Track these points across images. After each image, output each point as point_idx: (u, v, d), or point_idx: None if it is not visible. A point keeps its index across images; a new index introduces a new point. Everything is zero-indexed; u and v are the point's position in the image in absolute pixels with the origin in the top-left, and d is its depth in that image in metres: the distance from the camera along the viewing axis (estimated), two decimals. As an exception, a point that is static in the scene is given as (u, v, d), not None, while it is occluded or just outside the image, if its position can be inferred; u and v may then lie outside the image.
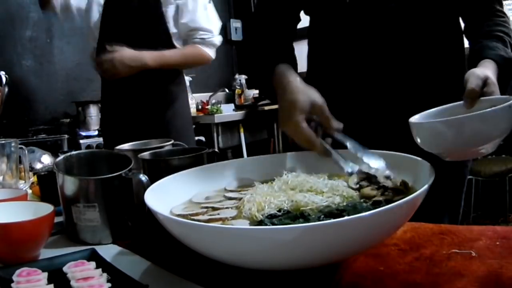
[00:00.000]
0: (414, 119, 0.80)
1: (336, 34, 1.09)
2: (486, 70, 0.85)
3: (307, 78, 1.03)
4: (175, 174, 0.85)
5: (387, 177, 0.76)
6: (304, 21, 1.20)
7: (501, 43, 0.96)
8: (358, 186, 0.78)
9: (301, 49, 1.18)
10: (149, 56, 1.72)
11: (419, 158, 0.77)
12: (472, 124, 0.69)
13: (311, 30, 1.17)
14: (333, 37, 1.10)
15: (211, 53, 1.88)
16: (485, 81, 0.81)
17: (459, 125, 0.70)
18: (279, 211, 0.70)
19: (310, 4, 1.13)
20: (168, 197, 0.80)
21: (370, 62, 1.03)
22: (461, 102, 0.80)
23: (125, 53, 1.69)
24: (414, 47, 1.02)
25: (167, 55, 1.76)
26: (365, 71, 1.05)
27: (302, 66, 1.17)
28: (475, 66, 0.90)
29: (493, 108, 0.70)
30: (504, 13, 1.04)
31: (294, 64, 1.04)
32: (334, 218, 0.64)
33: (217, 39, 1.90)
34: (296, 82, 0.93)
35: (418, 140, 0.76)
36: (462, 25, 1.09)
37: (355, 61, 1.06)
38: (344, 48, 1.07)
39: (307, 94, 0.89)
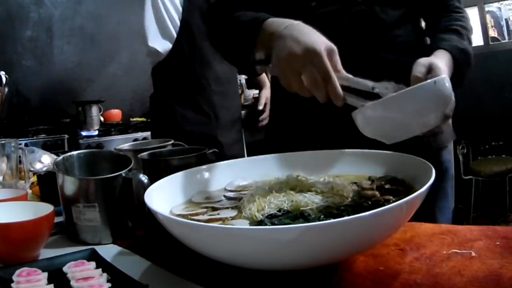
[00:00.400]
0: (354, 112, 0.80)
1: None
2: (433, 58, 0.88)
3: (273, 82, 1.00)
4: (175, 174, 0.85)
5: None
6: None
7: (456, 35, 0.99)
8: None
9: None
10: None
11: (419, 158, 0.77)
12: (399, 102, 0.72)
13: None
14: None
15: None
16: (429, 68, 0.84)
17: (383, 106, 0.73)
18: (279, 211, 0.70)
19: (272, 7, 1.05)
20: (168, 197, 0.80)
21: (342, 63, 1.02)
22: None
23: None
24: (383, 48, 1.01)
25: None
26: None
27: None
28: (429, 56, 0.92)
29: (415, 86, 0.74)
30: (462, 9, 1.08)
31: None
32: (334, 218, 0.64)
33: None
34: (303, 24, 0.82)
35: (360, 128, 0.78)
36: (423, 24, 1.12)
37: None
38: None
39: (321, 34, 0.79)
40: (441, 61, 0.89)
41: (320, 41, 0.76)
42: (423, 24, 1.12)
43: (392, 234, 0.69)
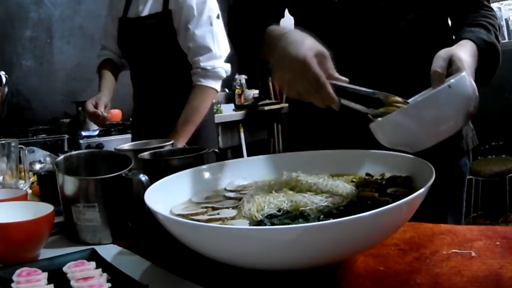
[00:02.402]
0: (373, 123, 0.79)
1: (323, 34, 1.06)
2: (454, 48, 0.84)
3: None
4: (175, 174, 0.85)
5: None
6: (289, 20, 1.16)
7: (484, 29, 0.95)
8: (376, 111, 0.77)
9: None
10: (180, 140, 1.71)
11: (419, 158, 0.77)
12: (416, 111, 0.71)
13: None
14: (320, 37, 1.08)
15: (215, 86, 1.79)
16: (449, 60, 0.80)
17: (404, 116, 0.72)
18: (279, 211, 0.70)
19: (296, 3, 1.10)
20: (168, 197, 0.80)
21: (358, 62, 1.02)
22: (429, 89, 0.82)
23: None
24: (403, 47, 1.01)
25: (185, 129, 1.74)
26: (352, 70, 1.03)
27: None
28: None
29: (431, 93, 0.73)
30: (491, 8, 1.04)
31: None
32: (333, 218, 0.64)
33: (222, 69, 1.79)
34: (298, 32, 0.84)
35: (381, 140, 0.77)
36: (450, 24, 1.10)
37: (343, 61, 1.04)
38: (331, 48, 1.06)
39: (314, 40, 0.81)
40: (464, 51, 0.84)
41: (309, 49, 0.77)
42: (449, 22, 1.09)
43: (392, 234, 0.69)
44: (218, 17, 1.78)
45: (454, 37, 1.07)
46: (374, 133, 0.77)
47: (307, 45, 0.78)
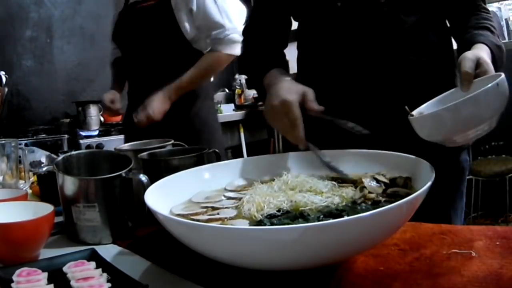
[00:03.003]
0: (415, 113, 0.83)
1: (327, 38, 1.08)
2: (478, 51, 0.87)
3: (297, 80, 1.03)
4: (175, 174, 0.85)
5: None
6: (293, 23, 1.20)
7: (490, 32, 0.98)
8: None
9: (290, 51, 1.19)
10: (171, 92, 1.74)
11: (419, 158, 0.77)
12: (467, 107, 0.73)
13: (300, 34, 1.17)
14: (324, 41, 1.09)
15: (230, 51, 1.77)
16: (477, 62, 0.82)
17: (455, 110, 0.73)
18: (278, 211, 0.70)
19: (300, 8, 1.13)
20: (168, 197, 0.80)
21: (362, 65, 1.03)
22: (455, 88, 0.84)
23: (154, 106, 1.73)
24: (405, 50, 1.02)
25: (184, 80, 1.75)
26: (356, 74, 1.04)
27: (292, 67, 1.19)
28: (466, 50, 0.90)
29: (482, 89, 0.73)
30: (488, 10, 1.06)
31: (286, 69, 1.10)
32: (333, 218, 0.64)
33: (235, 35, 1.75)
34: (289, 80, 0.99)
35: (423, 132, 0.78)
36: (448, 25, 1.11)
37: (347, 64, 1.05)
38: (335, 51, 1.07)
39: (301, 85, 0.95)
40: (486, 55, 0.87)
41: (295, 94, 0.91)
42: (447, 24, 1.10)
43: (392, 234, 0.69)
44: None
45: (454, 39, 1.08)
46: (414, 126, 0.80)
47: (294, 90, 0.92)
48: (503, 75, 0.75)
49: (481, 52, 0.88)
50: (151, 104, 1.71)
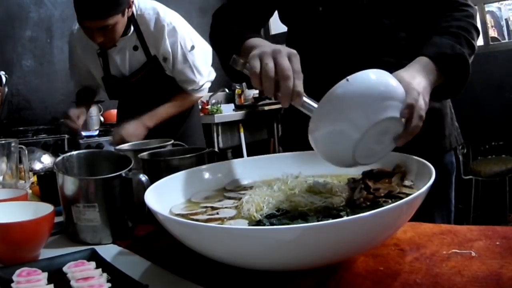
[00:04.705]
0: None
1: (312, 42, 1.09)
2: (399, 71, 0.83)
3: None
4: (175, 174, 0.85)
5: None
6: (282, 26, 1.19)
7: (453, 38, 0.93)
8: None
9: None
10: (148, 120, 1.93)
11: (419, 158, 0.77)
12: (324, 107, 0.69)
13: (289, 39, 1.17)
14: (310, 44, 1.09)
15: (200, 94, 2.09)
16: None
17: (314, 119, 0.70)
18: (278, 211, 0.70)
19: (283, 12, 1.13)
20: (168, 197, 0.80)
21: (347, 68, 1.02)
22: None
23: (129, 130, 1.88)
24: (386, 52, 1.02)
25: (160, 112, 1.96)
26: (337, 74, 1.03)
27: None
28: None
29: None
30: (468, 6, 1.00)
31: None
32: (332, 218, 0.64)
33: (205, 86, 2.04)
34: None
35: (324, 156, 0.75)
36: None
37: (331, 68, 1.04)
38: (320, 55, 1.07)
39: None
40: (408, 71, 0.84)
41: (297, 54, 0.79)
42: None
43: (392, 234, 0.69)
44: (192, 49, 1.97)
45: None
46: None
47: (281, 47, 0.80)
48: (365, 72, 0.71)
49: (404, 70, 0.84)
50: (127, 128, 1.87)
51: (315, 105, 0.74)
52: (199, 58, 1.99)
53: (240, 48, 0.92)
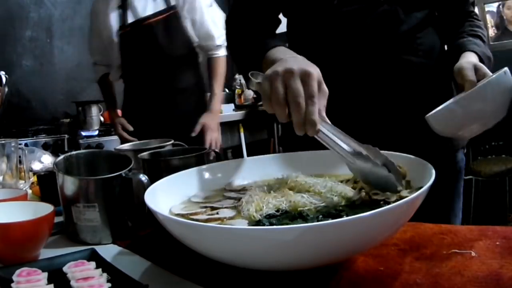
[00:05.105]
0: (429, 114, 0.87)
1: (321, 37, 1.05)
2: (470, 58, 0.93)
3: None
4: (175, 174, 0.85)
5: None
6: (282, 26, 1.13)
7: (483, 42, 1.02)
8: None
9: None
10: (216, 105, 2.15)
11: (419, 158, 0.77)
12: (478, 96, 0.80)
13: (291, 34, 1.12)
14: (318, 40, 1.05)
15: (223, 52, 2.16)
16: (475, 69, 0.88)
17: (464, 102, 0.81)
18: (277, 211, 0.70)
19: (293, 4, 1.07)
20: (168, 197, 0.80)
21: (359, 65, 1.01)
22: (461, 95, 0.87)
23: (214, 125, 2.13)
24: (403, 49, 1.01)
25: (217, 93, 2.15)
26: (353, 74, 1.02)
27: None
28: (457, 56, 0.96)
29: (487, 79, 0.81)
30: (479, 18, 1.11)
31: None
32: (332, 218, 0.64)
33: (224, 39, 2.06)
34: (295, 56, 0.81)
35: (439, 129, 0.86)
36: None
37: (343, 65, 1.02)
38: (330, 50, 1.04)
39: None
40: (478, 61, 0.92)
41: (316, 70, 0.72)
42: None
43: (392, 234, 0.69)
44: (211, 5, 2.10)
45: (445, 42, 1.09)
46: (430, 125, 0.86)
47: (316, 68, 0.73)
48: (506, 68, 0.81)
49: (473, 58, 0.93)
50: (212, 124, 2.09)
51: (333, 137, 0.69)
52: (217, 15, 2.10)
53: (261, 62, 0.88)
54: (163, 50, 2.00)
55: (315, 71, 0.71)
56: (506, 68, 0.80)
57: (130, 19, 2.00)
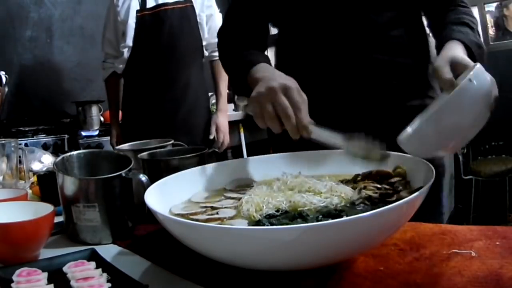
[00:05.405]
0: (400, 136, 0.79)
1: (303, 41, 1.08)
2: (450, 51, 0.85)
3: None
4: (175, 174, 0.85)
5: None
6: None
7: (469, 28, 0.94)
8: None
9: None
10: (224, 105, 2.26)
11: (419, 158, 0.77)
12: (449, 109, 0.70)
13: (279, 40, 1.16)
14: (301, 44, 1.09)
15: None
16: (452, 62, 0.81)
17: (435, 120, 0.71)
18: (277, 211, 0.70)
19: (279, 16, 1.12)
20: (168, 197, 0.80)
21: (344, 68, 1.03)
22: (440, 96, 0.84)
23: (225, 125, 2.30)
24: (373, 49, 1.02)
25: (224, 94, 2.25)
26: (339, 77, 1.04)
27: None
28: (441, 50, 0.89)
29: (454, 90, 0.69)
30: (466, 4, 1.03)
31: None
32: (332, 218, 0.64)
33: None
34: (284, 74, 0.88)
35: (413, 151, 0.77)
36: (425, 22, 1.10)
37: (328, 68, 1.04)
38: (311, 53, 1.07)
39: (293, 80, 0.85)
40: (459, 51, 0.84)
41: (293, 82, 0.82)
42: (425, 23, 1.10)
43: (392, 234, 0.69)
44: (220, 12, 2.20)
45: (433, 36, 1.05)
46: (402, 147, 0.77)
47: (285, 79, 0.82)
48: (478, 65, 0.71)
49: (454, 51, 0.85)
50: (223, 125, 2.24)
51: (325, 134, 0.77)
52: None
53: (246, 78, 0.94)
54: (173, 39, 2.04)
55: (293, 84, 0.80)
56: (473, 72, 0.69)
57: (150, 3, 2.07)
